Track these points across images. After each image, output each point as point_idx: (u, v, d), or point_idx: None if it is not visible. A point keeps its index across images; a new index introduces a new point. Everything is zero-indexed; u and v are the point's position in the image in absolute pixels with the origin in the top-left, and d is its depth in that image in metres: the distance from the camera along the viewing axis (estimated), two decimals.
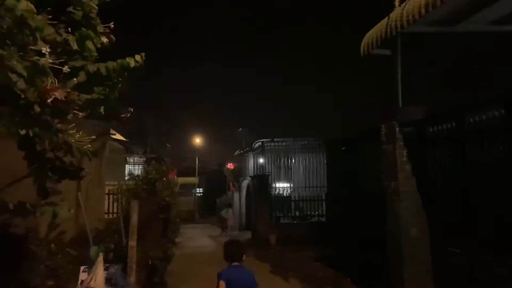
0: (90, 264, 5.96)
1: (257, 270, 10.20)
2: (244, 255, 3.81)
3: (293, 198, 17.04)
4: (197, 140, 36.38)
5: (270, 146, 17.03)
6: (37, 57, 2.33)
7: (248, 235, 17.49)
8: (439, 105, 6.37)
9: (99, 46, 2.94)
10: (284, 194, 17.42)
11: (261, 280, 9.27)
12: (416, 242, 5.70)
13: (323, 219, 16.33)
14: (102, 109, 3.10)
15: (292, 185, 18.09)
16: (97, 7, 2.98)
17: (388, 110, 6.00)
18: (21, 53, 2.28)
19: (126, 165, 21.09)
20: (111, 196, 12.14)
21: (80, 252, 6.98)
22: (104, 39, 2.96)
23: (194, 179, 34.86)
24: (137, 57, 3.08)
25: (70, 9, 2.86)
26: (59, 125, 2.61)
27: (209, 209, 30.41)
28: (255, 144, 18.08)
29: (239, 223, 20.40)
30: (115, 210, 11.97)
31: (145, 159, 19.67)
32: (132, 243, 5.41)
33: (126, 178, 8.09)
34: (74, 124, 3.06)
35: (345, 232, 12.91)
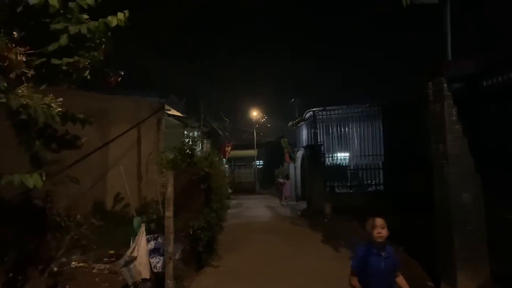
0: (134, 235, 6.22)
1: (307, 239, 10.11)
2: None
3: (348, 168, 16.52)
4: (254, 114, 36.60)
5: (322, 115, 16.47)
6: None
7: (303, 205, 17.42)
8: (494, 57, 5.61)
9: (85, 6, 2.82)
10: (340, 164, 16.93)
11: (310, 249, 9.26)
12: (467, 209, 5.17)
13: (381, 188, 15.71)
14: (87, 73, 3.03)
15: (348, 154, 17.53)
16: None
17: (435, 65, 5.40)
18: None
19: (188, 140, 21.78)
20: None
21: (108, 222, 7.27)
22: None
23: (253, 152, 35.34)
24: (120, 15, 2.94)
25: None
26: (19, 89, 2.55)
27: (269, 180, 30.71)
28: (306, 114, 17.59)
29: (296, 193, 20.37)
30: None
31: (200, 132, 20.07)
32: (169, 213, 5.49)
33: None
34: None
35: (403, 201, 12.31)
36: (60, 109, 2.65)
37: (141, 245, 5.90)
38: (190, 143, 6.54)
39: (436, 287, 5.76)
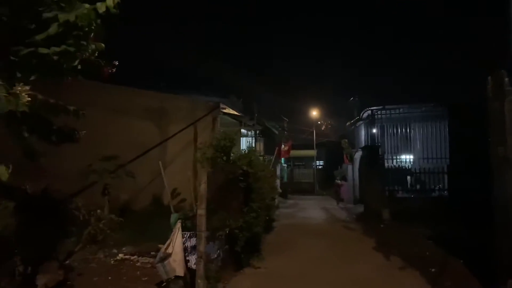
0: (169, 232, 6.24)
1: (359, 245, 9.59)
2: None
3: (410, 171, 15.50)
4: (314, 113, 36.02)
5: (381, 114, 15.57)
6: None
7: (360, 208, 16.69)
8: None
9: None
10: (401, 166, 15.96)
11: (360, 256, 8.79)
12: None
13: (445, 193, 14.54)
14: (77, 63, 2.94)
15: (410, 157, 16.47)
16: None
17: (494, 56, 4.76)
18: None
19: (243, 138, 21.88)
20: None
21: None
22: None
23: (312, 152, 34.73)
24: (109, 1, 2.83)
25: None
26: None
27: (330, 181, 30.02)
28: (363, 113, 16.76)
29: (354, 196, 19.60)
30: None
31: (257, 132, 20.01)
32: (201, 211, 5.42)
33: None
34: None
35: (470, 208, 11.24)
36: (29, 98, 2.61)
37: (176, 242, 5.90)
38: (226, 140, 6.41)
39: None
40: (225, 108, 14.62)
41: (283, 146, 23.22)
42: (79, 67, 2.95)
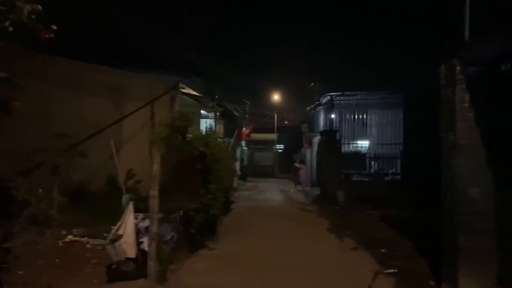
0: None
1: (314, 227, 9.74)
2: None
3: (365, 156, 15.98)
4: (276, 97, 36.16)
5: (340, 100, 15.85)
6: None
7: (318, 191, 17.05)
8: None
9: None
10: (356, 151, 16.40)
11: (315, 237, 8.94)
12: (476, 205, 4.71)
13: (398, 177, 15.13)
14: (8, 24, 2.69)
15: (365, 142, 16.94)
16: None
17: (448, 46, 4.89)
18: None
19: (203, 120, 21.55)
20: None
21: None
22: None
23: (273, 136, 34.94)
24: None
25: None
26: None
27: (289, 165, 30.45)
28: (323, 99, 16.98)
29: (311, 179, 19.99)
30: None
31: (218, 113, 19.78)
32: (153, 192, 5.27)
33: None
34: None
35: (421, 192, 11.76)
36: None
37: (128, 224, 5.73)
38: (182, 119, 6.20)
39: (437, 287, 5.36)
40: (184, 88, 14.27)
41: (244, 129, 23.16)
42: (10, 29, 2.66)
